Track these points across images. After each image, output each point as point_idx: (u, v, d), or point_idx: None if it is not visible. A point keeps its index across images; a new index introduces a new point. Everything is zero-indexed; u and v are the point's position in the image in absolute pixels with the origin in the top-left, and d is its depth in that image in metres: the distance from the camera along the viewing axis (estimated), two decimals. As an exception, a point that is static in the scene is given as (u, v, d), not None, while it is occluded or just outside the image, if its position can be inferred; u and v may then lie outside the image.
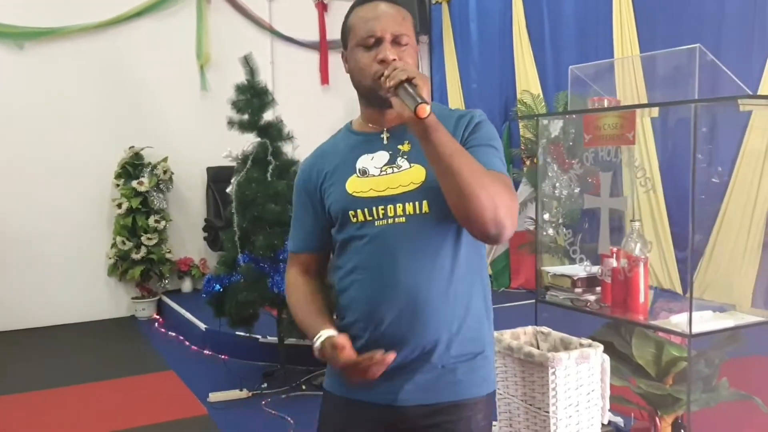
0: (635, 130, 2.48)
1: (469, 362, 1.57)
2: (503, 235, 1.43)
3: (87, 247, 6.50)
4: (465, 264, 1.56)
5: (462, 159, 1.41)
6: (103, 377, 4.92)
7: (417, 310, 1.52)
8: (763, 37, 4.82)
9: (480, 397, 1.58)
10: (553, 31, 6.53)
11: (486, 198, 1.39)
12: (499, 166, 1.51)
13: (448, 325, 1.54)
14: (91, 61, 6.45)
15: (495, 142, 1.56)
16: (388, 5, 1.60)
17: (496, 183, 1.42)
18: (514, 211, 1.43)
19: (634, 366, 2.75)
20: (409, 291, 1.52)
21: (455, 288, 1.54)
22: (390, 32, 1.56)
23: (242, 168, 4.51)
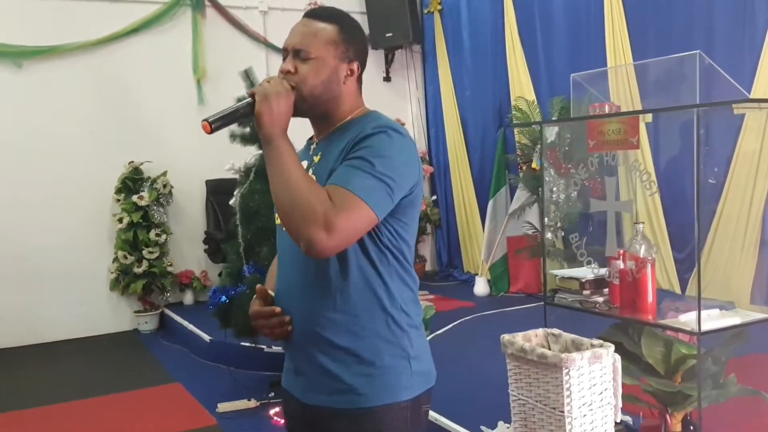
0: (639, 134, 2.55)
1: (358, 370, 1.61)
2: (313, 248, 1.46)
3: (88, 262, 6.53)
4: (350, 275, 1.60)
5: (280, 174, 1.50)
6: (109, 391, 4.94)
7: (301, 314, 1.63)
8: (753, 42, 4.90)
9: (371, 408, 1.61)
10: (546, 38, 6.60)
11: (291, 212, 1.48)
12: (349, 179, 1.51)
13: (330, 332, 1.61)
14: (89, 78, 6.50)
15: (372, 154, 1.54)
16: (307, 21, 1.67)
17: (312, 199, 1.46)
18: (325, 226, 1.45)
19: (643, 365, 2.81)
20: (295, 296, 1.65)
21: (335, 297, 1.60)
22: (292, 46, 1.65)
23: (245, 180, 4.56)
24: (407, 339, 1.65)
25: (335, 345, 1.61)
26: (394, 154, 1.56)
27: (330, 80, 1.65)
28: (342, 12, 1.73)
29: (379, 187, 1.51)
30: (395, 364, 1.63)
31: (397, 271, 1.65)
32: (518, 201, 6.47)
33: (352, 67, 1.69)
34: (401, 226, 1.63)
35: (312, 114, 1.69)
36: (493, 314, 5.97)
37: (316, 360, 1.63)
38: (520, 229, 6.49)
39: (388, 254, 1.62)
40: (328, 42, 1.65)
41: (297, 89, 1.62)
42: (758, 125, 4.86)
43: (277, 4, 7.30)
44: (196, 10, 6.88)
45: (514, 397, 2.62)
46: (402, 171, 1.56)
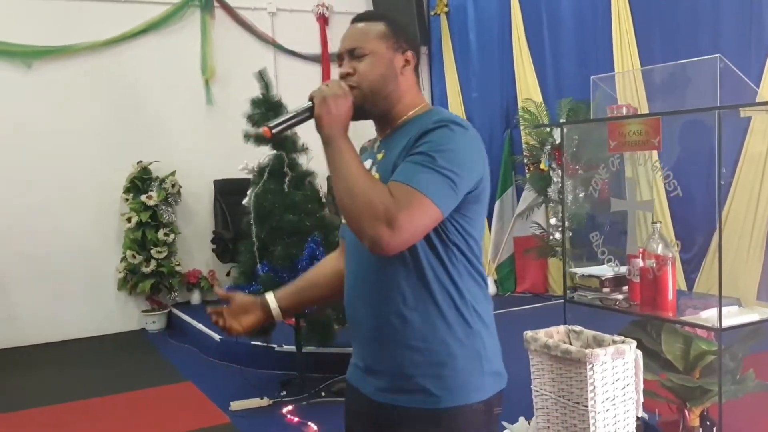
0: (660, 135, 2.60)
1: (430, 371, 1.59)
2: (378, 247, 1.46)
3: (97, 261, 6.56)
4: (421, 273, 1.58)
5: (343, 173, 1.50)
6: (121, 390, 4.97)
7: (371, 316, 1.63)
8: (759, 45, 4.97)
9: (445, 408, 1.58)
10: (553, 40, 6.66)
11: (355, 211, 1.47)
12: (411, 175, 1.50)
13: (401, 332, 1.59)
14: (98, 78, 6.53)
15: (435, 149, 1.53)
16: (354, 25, 1.72)
17: (374, 197, 1.46)
18: (389, 223, 1.44)
19: (662, 361, 2.86)
20: (366, 296, 1.65)
21: (406, 296, 1.59)
22: (346, 49, 1.69)
23: (259, 180, 4.60)
24: (479, 338, 1.63)
25: (407, 345, 1.60)
26: (457, 148, 1.54)
27: (388, 72, 1.66)
28: (385, 12, 1.79)
29: (442, 182, 1.50)
30: (467, 365, 1.60)
31: (466, 267, 1.62)
32: (525, 201, 6.53)
33: (407, 57, 1.69)
34: (467, 221, 1.61)
35: (374, 113, 1.69)
36: (501, 314, 5.99)
37: (388, 359, 1.62)
38: (527, 229, 6.54)
39: (455, 251, 1.60)
40: (379, 36, 1.67)
41: (359, 88, 1.63)
42: (765, 128, 4.92)
43: (286, 6, 7.35)
44: (204, 10, 6.92)
45: (537, 393, 2.67)
46: (465, 165, 1.54)
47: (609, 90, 3.68)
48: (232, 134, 5.88)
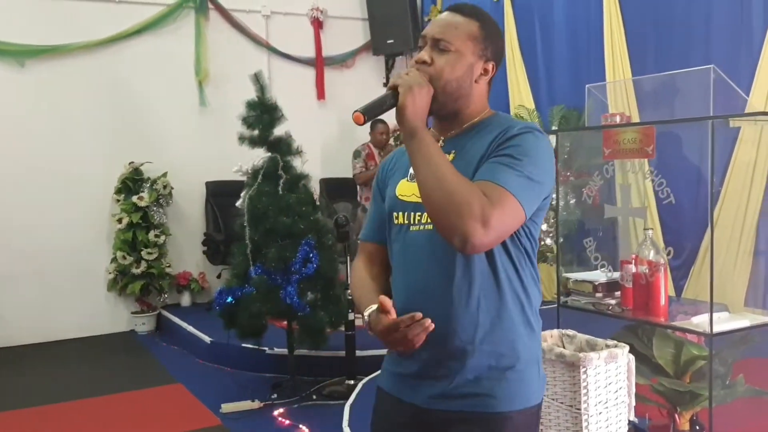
0: (654, 144, 2.65)
1: (497, 375, 1.56)
2: (468, 244, 1.43)
3: (87, 262, 6.55)
4: (493, 276, 1.56)
5: (432, 167, 1.45)
6: (110, 391, 4.97)
7: (440, 318, 1.53)
8: (749, 56, 5.03)
9: (506, 412, 1.55)
10: (545, 48, 6.71)
11: (446, 206, 1.43)
12: (500, 175, 1.48)
13: (471, 335, 1.55)
14: (91, 78, 6.53)
15: (521, 152, 1.51)
16: (449, 14, 1.64)
17: (466, 193, 1.42)
18: (482, 221, 1.41)
19: (653, 366, 2.90)
20: (433, 299, 1.57)
21: (479, 299, 1.55)
22: (432, 36, 1.60)
23: (253, 182, 4.61)
24: (537, 342, 1.63)
25: (477, 349, 1.56)
26: (541, 155, 1.54)
27: (464, 77, 1.61)
28: (484, 11, 1.68)
29: (528, 186, 1.49)
30: (529, 369, 1.60)
31: (530, 270, 1.61)
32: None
33: (488, 67, 1.64)
34: (534, 226, 1.60)
35: (441, 112, 1.64)
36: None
37: (454, 364, 1.57)
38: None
39: (524, 254, 1.59)
40: (469, 36, 1.60)
41: (431, 82, 1.57)
42: (754, 137, 4.98)
43: (280, 9, 7.38)
44: (199, 12, 6.94)
45: (530, 396, 2.69)
46: (547, 172, 1.55)
47: (602, 98, 3.73)
48: (224, 136, 5.91)
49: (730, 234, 4.95)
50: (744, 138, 5.02)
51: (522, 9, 6.91)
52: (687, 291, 5.19)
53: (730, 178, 5.07)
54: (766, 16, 4.95)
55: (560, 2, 6.58)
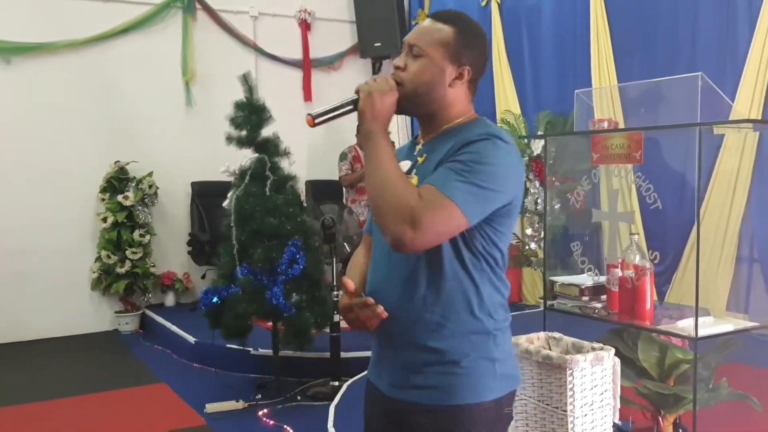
0: (642, 150, 2.68)
1: (442, 369, 1.63)
2: (401, 245, 1.51)
3: (71, 261, 6.51)
4: (442, 276, 1.62)
5: (378, 171, 1.55)
6: (94, 390, 4.95)
7: (392, 312, 1.64)
8: (734, 65, 5.10)
9: (456, 406, 1.62)
10: (532, 53, 6.76)
11: (383, 208, 1.52)
12: (442, 181, 1.54)
13: (419, 330, 1.63)
14: (77, 77, 6.50)
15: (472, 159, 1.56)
16: (430, 21, 1.71)
17: (403, 197, 1.50)
18: (413, 223, 1.48)
19: (637, 369, 2.94)
20: (387, 293, 1.67)
21: (425, 297, 1.63)
22: (408, 42, 1.69)
23: (240, 183, 4.61)
24: (493, 342, 1.66)
25: (423, 344, 1.64)
26: (496, 162, 1.57)
27: (434, 81, 1.66)
28: (466, 16, 1.73)
29: (474, 192, 1.53)
30: (480, 366, 1.64)
31: (490, 277, 1.65)
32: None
33: (462, 71, 1.68)
34: (496, 234, 1.63)
35: (417, 112, 1.72)
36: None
37: (404, 357, 1.67)
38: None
39: (481, 260, 1.63)
40: (440, 42, 1.66)
41: (402, 86, 1.65)
42: (737, 145, 5.05)
43: (268, 10, 7.39)
44: (186, 12, 6.92)
45: (517, 397, 2.71)
46: (501, 180, 1.57)
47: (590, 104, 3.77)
48: (211, 136, 5.90)
49: (713, 240, 5.01)
50: (728, 145, 5.09)
51: (509, 14, 6.95)
52: (670, 296, 5.25)
53: (713, 185, 5.12)
54: (751, 23, 5.02)
55: (547, 8, 6.64)
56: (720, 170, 5.11)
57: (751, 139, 4.95)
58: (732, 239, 5.00)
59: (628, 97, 5.18)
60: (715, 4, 5.29)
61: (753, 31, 5.00)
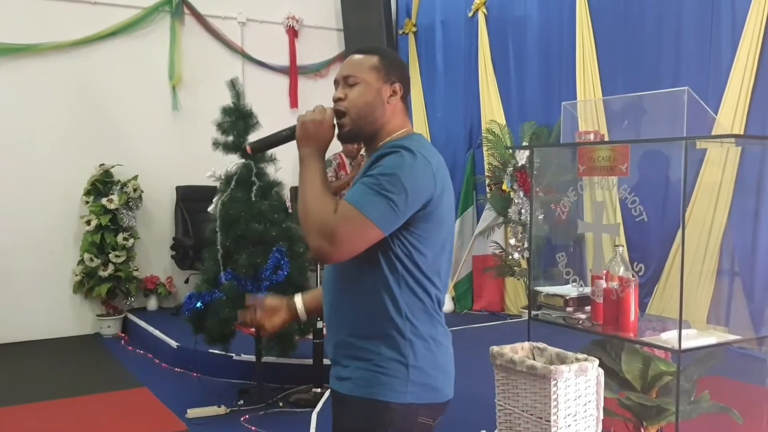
0: (628, 162, 2.71)
1: (361, 364, 1.76)
2: (322, 256, 1.68)
3: (53, 263, 6.46)
4: (359, 282, 1.76)
5: (303, 190, 1.73)
6: (75, 393, 4.91)
7: (328, 311, 1.86)
8: (717, 79, 5.17)
9: (365, 399, 1.74)
10: (518, 65, 6.81)
11: (304, 224, 1.69)
12: (354, 196, 1.68)
13: (343, 329, 1.80)
14: (63, 79, 6.47)
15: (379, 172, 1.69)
16: (353, 56, 1.89)
17: (319, 213, 1.67)
18: (325, 236, 1.65)
19: (620, 380, 2.96)
20: (327, 295, 1.87)
21: (348, 300, 1.80)
22: (341, 75, 1.86)
23: (226, 188, 4.60)
24: (409, 347, 1.75)
25: (345, 338, 1.80)
26: (403, 173, 1.68)
27: (375, 100, 1.83)
28: (382, 47, 1.99)
29: (384, 203, 1.65)
30: (391, 367, 1.74)
31: (407, 281, 1.75)
32: (485, 221, 6.65)
33: (395, 88, 1.86)
34: (416, 238, 1.73)
35: (361, 136, 1.87)
36: (459, 330, 6.09)
37: (337, 350, 1.84)
38: (486, 248, 6.65)
39: (398, 264, 1.73)
40: (371, 68, 1.85)
41: (348, 113, 1.83)
42: (719, 160, 5.11)
43: (256, 16, 7.40)
44: (174, 17, 6.91)
45: (501, 407, 2.73)
46: (410, 188, 1.68)
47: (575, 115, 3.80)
48: (196, 141, 5.89)
49: (695, 253, 5.07)
50: (710, 159, 5.14)
51: (496, 25, 7.01)
52: (651, 308, 5.30)
53: (695, 199, 5.18)
54: (735, 38, 5.09)
55: (534, 20, 6.69)
56: (702, 184, 5.17)
57: (733, 154, 5.02)
58: (713, 252, 5.05)
59: (613, 110, 5.23)
60: (699, 19, 5.36)
61: (736, 46, 5.08)
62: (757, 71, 5.01)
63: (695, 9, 5.39)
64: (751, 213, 4.99)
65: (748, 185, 4.98)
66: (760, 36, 4.97)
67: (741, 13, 5.09)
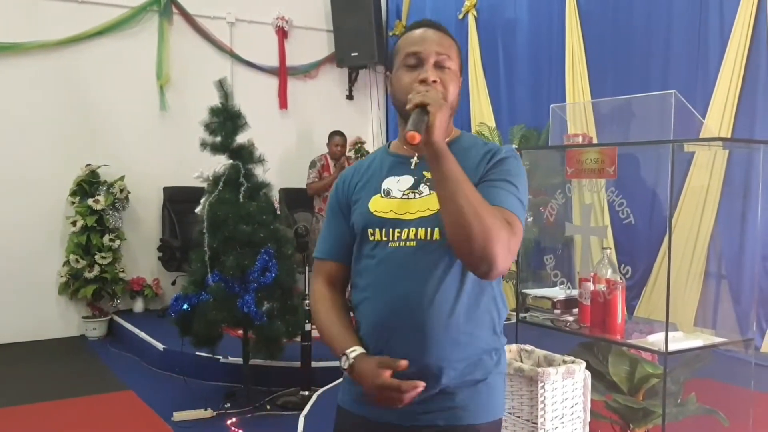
0: (616, 165, 2.71)
1: (470, 389, 1.59)
2: (494, 269, 1.45)
3: (38, 264, 6.42)
4: (471, 294, 1.58)
5: (462, 190, 1.44)
6: (60, 396, 4.88)
7: (418, 334, 1.55)
8: (705, 83, 5.19)
9: (476, 425, 1.59)
10: (508, 68, 6.82)
11: (477, 230, 1.41)
12: (509, 202, 1.53)
13: (448, 352, 1.56)
14: (50, 78, 6.43)
15: (515, 178, 1.57)
16: (435, 31, 1.65)
17: (493, 218, 1.44)
18: (508, 247, 1.45)
19: (607, 382, 2.96)
20: (413, 314, 1.55)
21: (458, 316, 1.56)
22: (434, 53, 1.60)
23: (213, 189, 4.57)
24: (504, 357, 1.69)
25: (452, 365, 1.57)
26: (523, 178, 1.61)
27: (458, 94, 1.67)
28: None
29: (523, 209, 1.56)
30: (498, 382, 1.65)
31: (499, 288, 1.67)
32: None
33: (460, 82, 1.70)
34: None
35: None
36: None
37: (429, 380, 1.55)
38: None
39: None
40: (458, 55, 1.68)
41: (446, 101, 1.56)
42: (707, 162, 5.12)
43: (245, 17, 7.38)
44: (163, 16, 6.89)
45: (488, 409, 2.71)
46: (527, 190, 1.63)
47: (564, 117, 3.81)
48: (184, 141, 5.86)
49: (682, 256, 5.08)
50: (698, 162, 5.16)
51: (486, 28, 7.01)
52: (639, 310, 5.30)
53: (683, 202, 5.19)
54: (722, 42, 5.11)
55: (524, 23, 6.71)
56: (690, 187, 5.18)
57: (720, 157, 5.03)
58: (701, 255, 5.07)
59: (601, 113, 5.25)
60: (687, 23, 5.38)
61: (724, 50, 5.10)
62: (744, 75, 5.03)
63: (684, 13, 5.41)
64: (738, 216, 5.01)
65: (735, 188, 5.00)
66: (748, 40, 4.99)
67: (729, 18, 5.11)
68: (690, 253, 5.11)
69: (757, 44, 4.99)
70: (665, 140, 2.61)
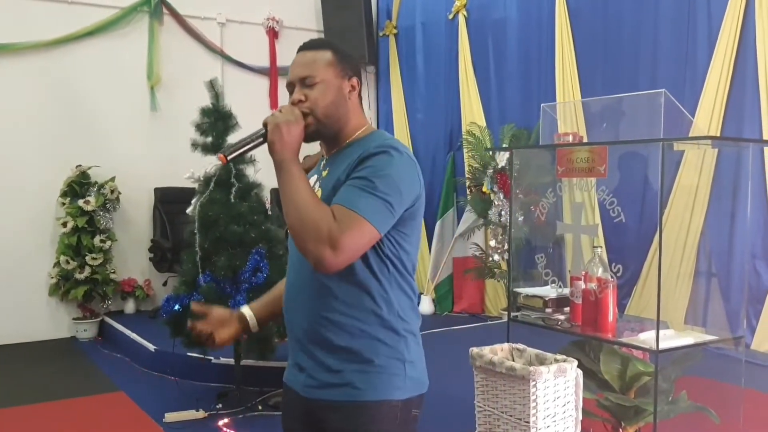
0: (606, 164, 2.72)
1: (355, 368, 1.71)
2: (320, 264, 1.59)
3: (28, 265, 6.38)
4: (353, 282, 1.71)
5: (293, 195, 1.62)
6: (50, 398, 4.84)
7: (305, 315, 1.76)
8: (694, 84, 5.22)
9: (367, 402, 1.71)
10: (498, 68, 6.84)
11: (298, 230, 1.60)
12: (350, 199, 1.63)
13: (330, 333, 1.72)
14: (40, 79, 6.40)
15: (374, 174, 1.65)
16: (302, 54, 1.81)
17: (316, 219, 1.58)
18: (329, 243, 1.57)
19: (598, 381, 2.97)
20: (300, 298, 1.77)
21: (337, 301, 1.71)
22: (297, 78, 1.78)
23: (204, 189, 4.56)
24: (404, 344, 1.76)
25: (335, 344, 1.72)
26: (394, 173, 1.67)
27: (338, 98, 1.78)
28: (330, 40, 1.92)
29: (380, 205, 1.62)
30: (391, 365, 1.73)
31: (397, 279, 1.75)
32: (466, 223, 6.66)
33: (353, 83, 1.81)
34: (402, 236, 1.73)
35: (326, 135, 1.81)
36: (440, 332, 6.09)
37: (317, 357, 1.74)
38: (466, 250, 6.67)
39: (388, 263, 1.73)
40: (327, 65, 1.78)
41: (312, 114, 1.74)
42: (696, 162, 5.16)
43: (235, 17, 7.36)
44: (153, 17, 6.86)
45: (480, 408, 2.73)
46: (402, 188, 1.67)
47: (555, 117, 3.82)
48: (175, 142, 5.84)
49: (672, 254, 5.11)
50: (687, 161, 5.19)
51: (476, 28, 7.03)
52: (630, 309, 5.33)
53: (673, 200, 5.22)
54: (711, 41, 5.14)
55: (513, 22, 6.72)
56: (680, 186, 5.21)
57: (710, 156, 5.07)
58: (691, 253, 5.10)
59: (591, 112, 5.27)
60: (676, 23, 5.41)
61: (713, 49, 5.13)
62: (732, 74, 5.06)
63: (672, 12, 5.45)
64: (727, 214, 5.04)
65: (724, 187, 5.03)
66: (736, 39, 5.02)
67: (717, 17, 5.15)
68: (680, 251, 5.14)
69: (745, 44, 5.02)
70: (655, 139, 2.62)
